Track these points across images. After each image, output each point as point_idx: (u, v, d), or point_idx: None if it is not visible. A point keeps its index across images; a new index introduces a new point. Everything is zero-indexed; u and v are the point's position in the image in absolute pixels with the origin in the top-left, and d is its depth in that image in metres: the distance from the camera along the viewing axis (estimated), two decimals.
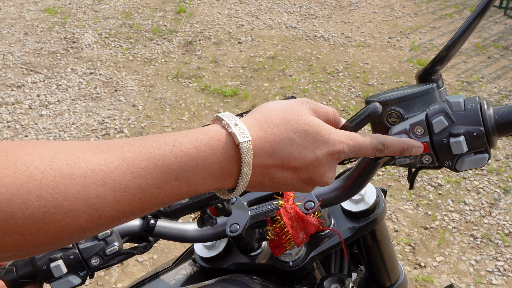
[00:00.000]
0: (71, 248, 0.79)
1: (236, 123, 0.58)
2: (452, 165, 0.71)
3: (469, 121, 0.68)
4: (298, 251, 0.88)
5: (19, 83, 4.13)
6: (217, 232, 0.89)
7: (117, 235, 0.82)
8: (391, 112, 0.81)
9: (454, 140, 0.68)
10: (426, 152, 0.71)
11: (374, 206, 0.91)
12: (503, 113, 0.69)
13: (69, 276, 0.80)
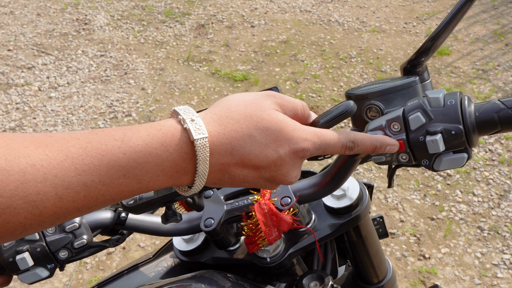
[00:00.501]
0: (38, 241, 0.78)
1: (193, 119, 0.55)
2: (429, 165, 0.67)
3: (447, 118, 0.64)
4: (276, 247, 0.86)
5: (30, 65, 4.14)
6: (192, 226, 0.87)
7: (86, 228, 0.81)
8: (370, 106, 0.77)
9: (431, 139, 0.64)
10: (403, 150, 0.67)
11: (357, 202, 0.88)
12: (484, 111, 0.64)
13: (36, 269, 0.78)
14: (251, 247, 0.82)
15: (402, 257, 2.51)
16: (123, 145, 0.52)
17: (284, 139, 0.58)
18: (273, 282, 0.91)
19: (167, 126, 0.55)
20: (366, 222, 0.95)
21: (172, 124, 0.55)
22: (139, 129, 0.54)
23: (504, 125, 0.64)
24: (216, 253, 0.91)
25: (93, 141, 0.51)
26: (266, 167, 0.58)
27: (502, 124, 0.64)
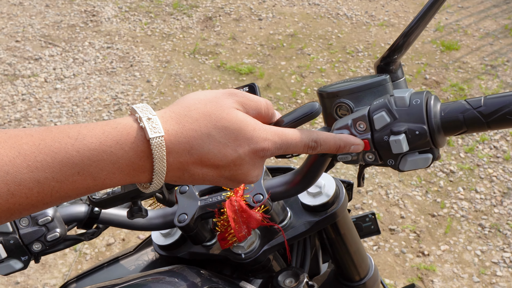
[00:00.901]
0: (11, 233, 0.78)
1: (150, 117, 0.55)
2: (395, 165, 0.66)
3: (412, 118, 0.63)
4: (251, 244, 0.86)
5: (37, 56, 4.17)
6: (167, 222, 0.87)
7: (60, 222, 0.81)
8: (340, 104, 0.76)
9: (394, 139, 0.63)
10: (368, 150, 0.66)
11: (333, 199, 0.87)
12: (450, 111, 0.63)
13: (10, 261, 0.79)
14: (223, 243, 0.82)
15: (401, 253, 2.50)
16: (77, 143, 0.52)
17: (244, 138, 0.58)
18: (249, 278, 0.91)
19: (123, 124, 0.55)
20: (344, 220, 0.94)
21: (128, 123, 0.55)
22: (95, 127, 0.54)
23: (469, 125, 0.62)
24: (193, 248, 0.91)
25: (47, 139, 0.51)
26: (225, 166, 0.58)
27: (467, 124, 0.62)
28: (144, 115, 0.55)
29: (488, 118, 0.61)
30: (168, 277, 0.76)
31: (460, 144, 3.24)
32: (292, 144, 0.62)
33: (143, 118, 0.55)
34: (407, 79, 3.97)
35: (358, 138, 0.66)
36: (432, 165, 3.07)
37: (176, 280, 0.74)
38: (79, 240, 0.86)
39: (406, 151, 0.64)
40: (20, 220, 0.78)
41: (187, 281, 0.75)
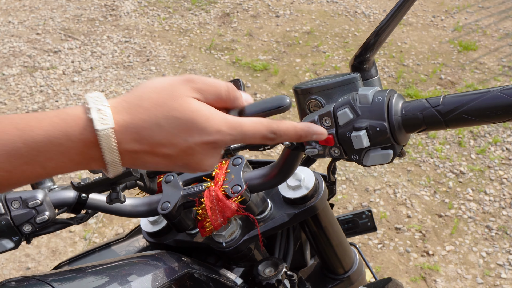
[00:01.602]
0: (3, 214, 0.82)
1: (100, 108, 0.56)
2: (359, 159, 0.68)
3: (373, 115, 0.65)
4: (232, 233, 0.89)
5: (56, 49, 4.25)
6: (151, 209, 0.90)
7: (49, 205, 0.85)
8: (311, 100, 0.79)
9: (355, 134, 0.66)
10: (332, 145, 0.69)
11: (312, 193, 0.90)
12: (410, 109, 0.65)
13: (2, 240, 0.83)
14: (202, 231, 0.85)
15: (405, 252, 2.51)
16: (24, 134, 0.53)
17: (196, 129, 0.58)
18: (231, 267, 0.94)
19: (72, 115, 0.56)
20: (325, 213, 0.97)
21: (78, 113, 0.56)
22: (44, 118, 0.55)
23: (428, 124, 0.64)
24: (178, 235, 0.95)
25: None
26: (176, 156, 0.59)
27: (426, 123, 0.64)
28: (94, 106, 0.56)
29: (446, 117, 0.63)
30: (149, 261, 0.80)
31: (471, 145, 3.22)
32: (248, 135, 0.61)
33: (92, 109, 0.55)
34: (422, 79, 3.95)
35: (320, 127, 0.68)
36: (442, 165, 3.07)
37: (156, 264, 0.78)
38: (68, 224, 0.90)
39: (367, 147, 0.66)
40: (11, 202, 0.82)
41: (166, 265, 0.78)
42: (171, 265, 0.79)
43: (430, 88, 3.83)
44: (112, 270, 0.75)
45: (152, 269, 0.77)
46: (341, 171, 3.02)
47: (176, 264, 0.80)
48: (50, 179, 0.92)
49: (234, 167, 0.85)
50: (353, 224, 1.31)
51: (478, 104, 0.61)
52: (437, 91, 3.78)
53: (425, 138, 3.30)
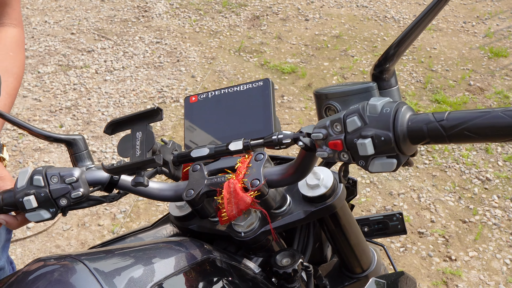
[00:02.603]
0: (43, 187, 0.88)
1: None
2: (366, 166, 0.71)
3: (380, 125, 0.69)
4: (251, 224, 0.93)
5: (90, 48, 4.36)
6: (176, 195, 0.95)
7: (84, 183, 0.90)
8: (328, 105, 0.84)
9: (361, 142, 0.69)
10: (341, 150, 0.72)
11: (331, 192, 0.93)
12: (416, 121, 0.68)
13: (40, 210, 0.89)
14: (220, 219, 0.89)
15: (428, 256, 2.51)
16: None
17: None
18: (250, 256, 0.99)
19: None
20: (343, 212, 1.00)
21: None
22: None
23: (432, 137, 0.67)
24: (202, 222, 0.99)
25: None
26: None
27: (430, 136, 0.67)
28: None
29: (448, 132, 0.65)
30: (172, 246, 0.85)
31: (499, 152, 3.20)
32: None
33: None
34: (451, 85, 3.93)
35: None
36: (468, 171, 3.05)
37: (179, 249, 0.83)
38: (101, 201, 0.95)
39: (373, 154, 0.69)
40: (51, 177, 0.88)
41: (188, 250, 0.83)
42: (193, 251, 0.84)
43: (459, 94, 3.81)
44: (139, 253, 0.80)
45: (175, 253, 0.81)
46: (365, 174, 3.04)
47: (198, 250, 0.84)
48: (90, 159, 0.98)
49: (256, 162, 0.89)
50: (383, 226, 1.34)
51: (479, 122, 0.63)
52: (466, 97, 3.76)
53: (451, 144, 3.29)
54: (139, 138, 0.85)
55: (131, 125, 0.88)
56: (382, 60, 0.85)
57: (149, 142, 0.84)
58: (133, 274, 0.73)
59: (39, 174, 0.89)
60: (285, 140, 0.80)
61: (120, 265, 0.75)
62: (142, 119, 0.87)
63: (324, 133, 0.73)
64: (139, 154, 0.83)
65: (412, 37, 0.84)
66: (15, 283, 0.76)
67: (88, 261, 0.72)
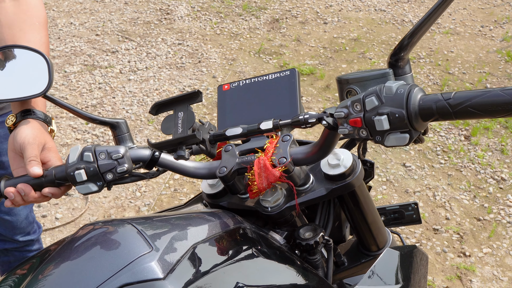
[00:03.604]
0: (92, 163, 0.98)
1: None
2: (382, 140, 0.81)
3: (395, 103, 0.78)
4: (276, 200, 1.02)
5: (114, 49, 4.50)
6: (210, 172, 1.04)
7: (128, 160, 1.00)
8: (349, 89, 0.94)
9: (378, 118, 0.79)
10: (360, 126, 0.82)
11: (350, 172, 1.02)
12: (427, 101, 0.77)
13: (89, 184, 0.99)
14: (250, 193, 0.99)
15: (442, 252, 2.57)
16: None
17: None
18: (276, 230, 1.07)
19: None
20: (361, 191, 1.08)
21: None
22: None
23: (440, 114, 0.76)
24: (232, 198, 1.09)
25: None
26: None
27: (438, 113, 0.76)
28: None
29: (454, 109, 0.75)
30: (206, 215, 0.94)
31: None
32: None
33: None
34: (467, 87, 3.99)
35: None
36: (483, 171, 3.11)
37: (213, 218, 0.92)
38: (142, 177, 1.05)
39: (388, 130, 0.79)
40: (99, 153, 0.98)
41: (221, 220, 0.92)
42: (226, 220, 0.93)
43: None
44: (178, 220, 0.89)
45: (210, 221, 0.91)
46: (382, 172, 3.11)
47: (231, 219, 0.94)
48: (131, 140, 1.07)
49: (283, 142, 0.98)
50: (399, 215, 1.42)
51: (481, 100, 0.73)
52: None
53: (467, 145, 3.34)
54: (180, 117, 0.95)
55: (173, 106, 0.98)
56: (397, 50, 0.95)
57: (190, 121, 0.94)
58: (175, 235, 0.82)
59: (89, 151, 0.99)
60: (311, 119, 0.89)
61: (163, 228, 0.84)
62: (183, 101, 0.97)
63: (346, 112, 0.82)
64: (181, 131, 0.93)
65: (424, 28, 0.93)
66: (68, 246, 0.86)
67: (134, 223, 0.82)
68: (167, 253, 0.77)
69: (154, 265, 0.74)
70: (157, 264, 0.74)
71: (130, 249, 0.77)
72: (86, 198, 2.93)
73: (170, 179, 3.08)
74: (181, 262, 0.77)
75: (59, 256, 0.83)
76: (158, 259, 0.75)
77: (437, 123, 3.54)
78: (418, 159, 3.23)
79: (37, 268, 0.84)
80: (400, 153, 3.28)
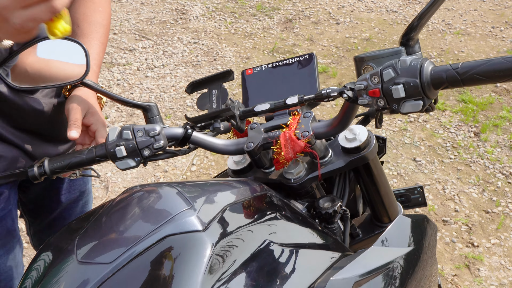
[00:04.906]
0: (131, 140, 1.07)
1: None
2: (398, 108, 0.91)
3: (409, 74, 0.89)
4: (299, 172, 1.12)
5: (131, 47, 4.62)
6: (238, 148, 1.14)
7: (164, 137, 1.09)
8: (366, 66, 1.05)
9: (394, 87, 0.89)
10: (379, 96, 0.92)
11: (365, 145, 1.11)
12: (437, 71, 0.88)
13: (127, 159, 1.08)
14: (277, 165, 1.09)
15: (451, 242, 2.66)
16: None
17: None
18: (297, 200, 1.17)
19: None
20: (374, 164, 1.18)
21: None
22: None
23: (450, 82, 0.87)
24: (256, 173, 1.18)
25: None
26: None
27: (448, 81, 0.87)
28: None
29: (462, 76, 0.86)
30: (234, 183, 1.04)
31: None
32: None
33: None
34: (477, 86, 4.06)
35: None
36: (492, 166, 3.18)
37: (242, 185, 1.02)
38: (176, 154, 1.14)
39: (404, 97, 0.89)
40: (137, 131, 1.07)
41: (250, 186, 1.02)
42: (254, 187, 1.03)
43: (485, 95, 3.94)
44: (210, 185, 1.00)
45: (239, 187, 1.01)
46: (393, 166, 3.20)
47: (258, 187, 1.04)
48: (161, 121, 1.17)
49: (305, 118, 1.08)
50: (406, 198, 1.52)
51: (486, 67, 0.84)
52: (492, 97, 3.89)
53: (476, 141, 3.42)
54: (214, 94, 1.06)
55: (207, 85, 1.08)
56: (408, 30, 1.05)
57: (223, 97, 1.05)
58: (210, 197, 0.92)
59: (128, 129, 1.09)
60: (333, 93, 0.99)
61: (199, 190, 0.94)
62: (216, 80, 1.07)
63: (365, 84, 0.93)
64: (216, 107, 1.04)
65: (432, 11, 1.04)
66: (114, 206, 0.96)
67: (173, 185, 0.92)
68: (204, 211, 0.87)
69: (194, 219, 0.84)
70: (196, 218, 0.84)
71: (171, 205, 0.87)
72: (106, 188, 3.04)
73: (187, 171, 3.19)
74: (216, 219, 0.87)
75: (107, 213, 0.94)
76: (197, 214, 0.85)
77: (448, 120, 3.62)
78: (428, 154, 3.32)
79: (87, 225, 0.94)
80: (411, 148, 3.37)
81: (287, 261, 0.91)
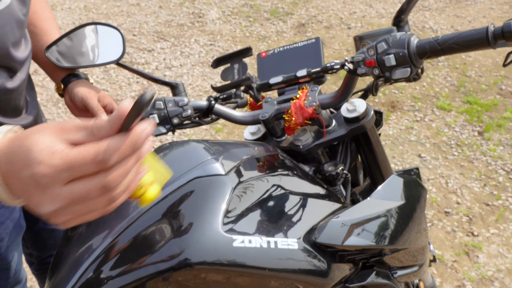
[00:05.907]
0: (163, 109, 1.24)
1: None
2: (390, 75, 1.08)
3: (399, 46, 1.06)
4: (307, 139, 1.28)
5: (150, 48, 4.83)
6: (254, 119, 1.31)
7: (191, 107, 1.26)
8: (364, 43, 1.22)
9: (387, 57, 1.06)
10: (374, 66, 1.09)
11: (363, 116, 1.28)
12: (422, 43, 1.06)
13: (159, 126, 1.25)
14: (288, 131, 1.26)
15: (452, 231, 2.80)
16: None
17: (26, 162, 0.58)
18: (305, 164, 1.34)
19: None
20: (372, 134, 1.34)
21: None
22: None
23: (431, 51, 1.06)
24: (270, 142, 1.35)
25: None
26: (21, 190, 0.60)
27: (430, 51, 1.05)
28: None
29: (442, 46, 1.04)
30: (250, 144, 1.21)
31: None
32: (76, 164, 0.58)
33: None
34: (483, 89, 4.20)
35: None
36: (494, 163, 3.32)
37: (256, 146, 1.19)
38: (200, 124, 1.31)
39: (395, 65, 1.06)
40: (168, 102, 1.24)
41: (264, 147, 1.19)
42: (268, 147, 1.20)
43: (490, 97, 4.08)
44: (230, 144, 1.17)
45: (255, 146, 1.18)
46: (399, 161, 3.35)
47: (271, 148, 1.21)
48: (186, 95, 1.34)
49: (312, 92, 1.25)
50: None
51: (460, 38, 1.02)
52: (496, 99, 4.03)
53: (480, 140, 3.56)
54: (236, 68, 1.23)
55: (230, 60, 1.26)
56: (399, 13, 1.23)
57: (244, 69, 1.22)
58: (231, 151, 1.09)
59: (160, 100, 1.26)
60: (336, 66, 1.16)
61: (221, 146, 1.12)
62: (238, 56, 1.25)
63: (363, 56, 1.10)
64: (237, 77, 1.21)
65: None
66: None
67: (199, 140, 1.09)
68: (226, 160, 1.04)
69: (217, 165, 1.01)
70: (220, 164, 1.01)
71: (199, 155, 1.04)
72: None
73: None
74: (235, 167, 1.04)
75: None
76: (220, 161, 1.02)
77: (453, 120, 3.77)
78: (433, 151, 3.46)
79: None
80: (417, 145, 3.52)
81: (295, 205, 1.08)
